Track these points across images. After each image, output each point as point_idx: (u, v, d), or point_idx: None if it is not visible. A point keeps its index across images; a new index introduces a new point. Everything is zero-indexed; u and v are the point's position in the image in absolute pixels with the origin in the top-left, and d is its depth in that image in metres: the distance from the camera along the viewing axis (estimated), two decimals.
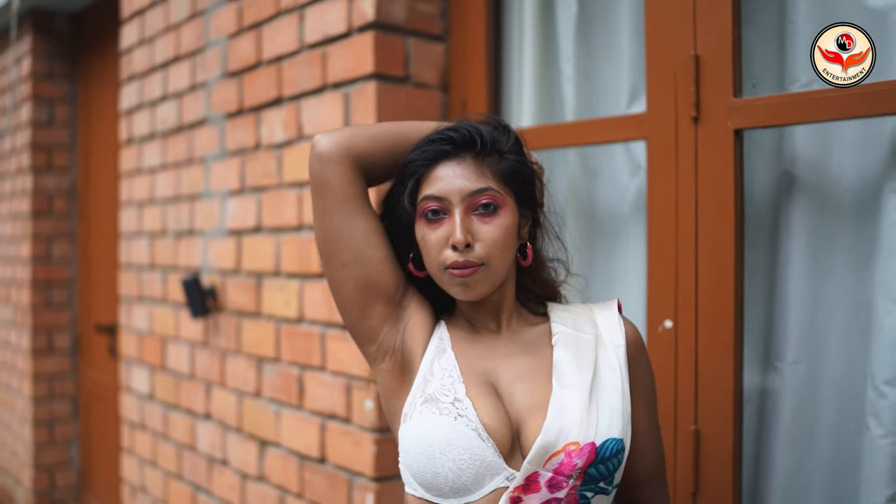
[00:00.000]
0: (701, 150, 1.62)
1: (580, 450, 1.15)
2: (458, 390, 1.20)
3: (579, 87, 2.03)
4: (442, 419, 1.17)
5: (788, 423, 1.66)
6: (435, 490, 1.17)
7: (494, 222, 1.20)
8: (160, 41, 3.10)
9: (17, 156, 4.78)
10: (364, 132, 1.29)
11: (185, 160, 2.93)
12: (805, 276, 1.64)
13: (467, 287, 1.20)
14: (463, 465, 1.14)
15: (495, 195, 1.21)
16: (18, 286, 4.75)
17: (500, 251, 1.20)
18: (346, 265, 1.28)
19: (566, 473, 1.14)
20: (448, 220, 1.20)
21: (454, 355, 1.25)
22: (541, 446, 1.14)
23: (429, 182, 1.23)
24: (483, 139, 1.23)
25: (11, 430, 4.91)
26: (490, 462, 1.15)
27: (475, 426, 1.16)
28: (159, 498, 3.11)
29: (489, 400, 1.19)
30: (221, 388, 2.70)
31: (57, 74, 4.69)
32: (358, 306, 1.29)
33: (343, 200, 1.26)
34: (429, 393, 1.21)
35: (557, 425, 1.16)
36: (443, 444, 1.15)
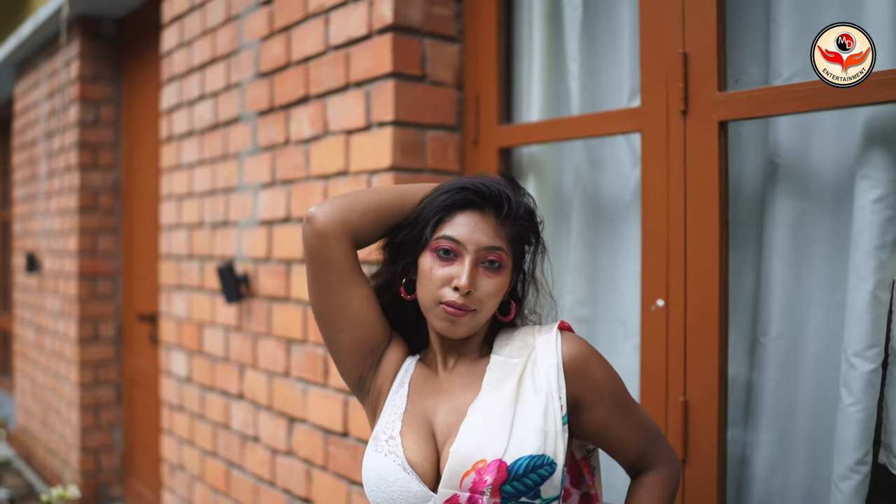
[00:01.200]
0: (689, 141, 1.75)
1: (487, 467, 1.25)
2: (395, 427, 1.35)
3: (584, 84, 2.16)
4: (377, 457, 1.33)
5: (772, 395, 1.78)
6: None
7: (495, 279, 1.33)
8: (198, 44, 3.28)
9: (65, 154, 5.02)
10: (356, 207, 1.37)
11: (221, 156, 3.11)
12: (788, 257, 1.76)
13: (454, 325, 1.33)
14: (393, 495, 1.30)
15: (503, 256, 1.34)
16: (66, 278, 4.99)
17: (491, 305, 1.34)
18: (342, 330, 1.41)
19: (479, 490, 1.25)
20: (457, 263, 1.32)
21: (407, 390, 1.40)
22: (450, 469, 1.27)
23: (451, 224, 1.34)
24: (510, 206, 1.35)
25: (60, 414, 5.16)
26: (416, 491, 1.29)
27: (401, 461, 1.30)
28: (196, 475, 3.30)
29: (416, 437, 1.33)
30: (254, 370, 2.88)
31: (103, 77, 4.92)
32: (352, 363, 1.44)
33: (342, 274, 1.38)
34: (376, 431, 1.38)
35: (465, 448, 1.28)
36: (376, 478, 1.32)
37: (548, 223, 2.29)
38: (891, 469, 1.60)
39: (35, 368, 5.73)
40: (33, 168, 5.73)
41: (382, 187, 1.42)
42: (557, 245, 2.27)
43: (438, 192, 1.37)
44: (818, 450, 1.71)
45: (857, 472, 1.58)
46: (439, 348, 1.42)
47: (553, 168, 2.28)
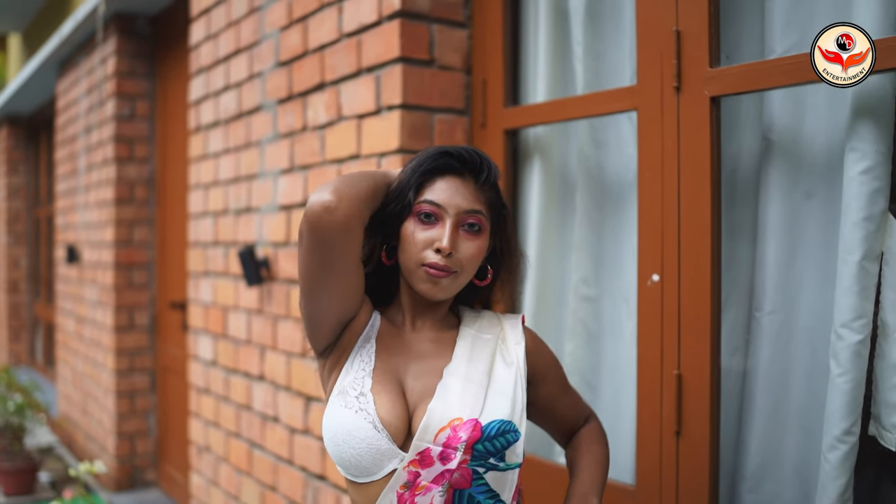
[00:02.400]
0: (682, 118, 1.78)
1: (464, 424, 1.30)
2: (366, 384, 1.35)
3: (588, 66, 2.19)
4: (346, 412, 1.33)
5: (766, 368, 1.80)
6: (345, 469, 1.35)
7: (475, 242, 1.38)
8: (223, 36, 3.37)
9: (102, 148, 5.16)
10: (362, 194, 1.33)
11: (244, 144, 3.19)
12: (782, 233, 1.78)
13: (436, 286, 1.37)
14: (361, 451, 1.31)
15: (482, 219, 1.38)
16: (103, 268, 5.13)
17: (471, 267, 1.39)
18: (333, 307, 1.38)
19: (453, 446, 1.30)
20: (439, 226, 1.36)
21: (375, 346, 1.41)
22: (426, 424, 1.31)
23: (432, 188, 1.38)
24: (490, 172, 1.40)
25: (98, 401, 5.31)
26: (385, 449, 1.31)
27: (372, 419, 1.31)
28: (221, 456, 3.39)
29: (389, 396, 1.35)
30: (273, 351, 2.95)
31: (138, 72, 5.06)
32: (331, 332, 1.42)
33: (352, 259, 1.35)
34: (343, 385, 1.37)
35: (441, 406, 1.33)
36: (345, 434, 1.31)
37: (553, 203, 2.33)
38: (880, 441, 1.61)
39: (75, 357, 5.90)
40: (74, 163, 5.90)
41: (362, 173, 1.41)
42: (562, 225, 2.30)
43: (419, 159, 1.41)
44: (810, 422, 1.73)
45: (844, 442, 1.59)
46: (409, 309, 1.46)
47: (558, 149, 2.32)
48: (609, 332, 2.18)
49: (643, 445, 1.88)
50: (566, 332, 2.26)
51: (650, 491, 1.86)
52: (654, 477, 1.85)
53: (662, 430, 1.83)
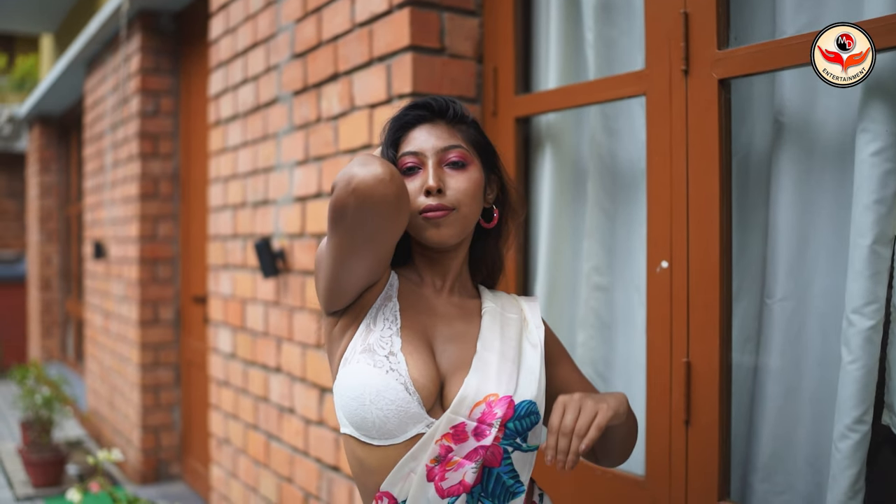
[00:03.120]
0: (690, 101, 1.75)
1: (499, 400, 1.28)
2: (395, 343, 1.31)
3: (599, 53, 2.17)
4: (375, 371, 1.27)
5: (778, 356, 1.76)
6: (363, 431, 1.29)
7: (463, 175, 1.36)
8: (241, 30, 3.39)
9: (127, 144, 5.21)
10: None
11: (261, 136, 3.20)
12: (794, 218, 1.74)
13: (438, 227, 1.34)
14: (389, 413, 1.26)
15: (464, 153, 1.37)
16: (129, 263, 5.18)
17: (469, 199, 1.36)
18: (365, 275, 1.32)
19: (488, 422, 1.28)
20: (423, 173, 1.36)
21: (398, 305, 1.37)
22: (462, 396, 1.29)
23: (407, 141, 1.39)
24: (455, 109, 1.41)
25: (124, 395, 5.36)
26: (414, 413, 1.28)
27: (404, 381, 1.27)
28: (240, 448, 3.40)
29: (421, 357, 1.31)
30: (289, 343, 2.96)
31: (162, 69, 5.10)
32: (353, 297, 1.36)
33: (402, 228, 1.29)
34: (368, 343, 1.32)
35: (477, 380, 1.30)
36: (373, 394, 1.26)
37: (565, 192, 2.30)
38: (893, 430, 1.57)
39: (103, 352, 5.97)
40: (101, 160, 5.97)
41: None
42: (574, 213, 2.28)
43: (389, 120, 1.43)
44: (822, 410, 1.69)
45: (855, 431, 1.55)
46: (428, 271, 1.43)
47: (570, 137, 2.29)
48: (622, 321, 2.15)
49: (653, 435, 1.85)
50: (578, 321, 2.23)
51: (660, 481, 1.83)
52: (664, 467, 1.82)
53: (672, 419, 1.80)
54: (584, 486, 2.04)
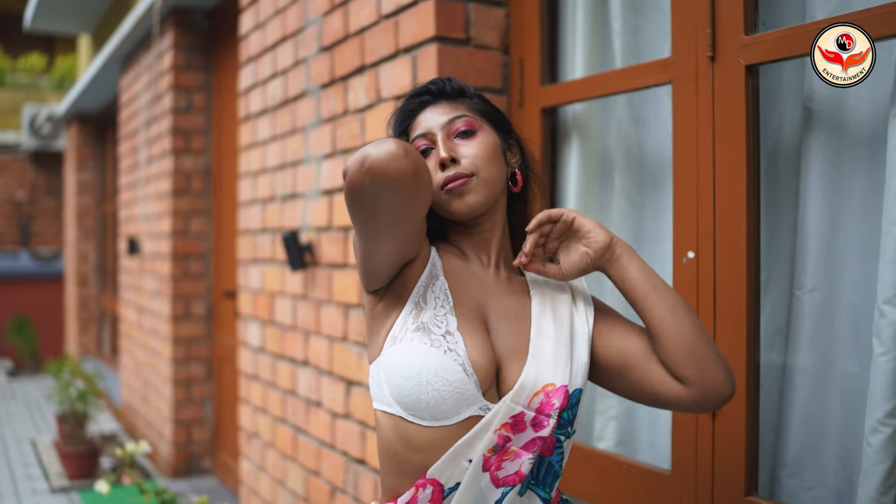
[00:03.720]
0: (717, 88, 1.72)
1: (556, 391, 1.26)
2: (450, 322, 1.28)
3: (626, 42, 2.14)
4: (433, 351, 1.24)
5: (807, 348, 1.73)
6: (413, 411, 1.25)
7: (474, 141, 1.35)
8: (270, 25, 3.40)
9: (160, 140, 5.26)
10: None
11: (290, 130, 3.21)
12: (824, 207, 1.70)
13: (462, 196, 1.33)
14: (445, 394, 1.23)
15: (469, 120, 1.36)
16: (161, 259, 5.23)
17: (486, 163, 1.34)
18: (397, 252, 1.30)
19: (546, 413, 1.26)
20: (435, 151, 1.35)
21: (447, 284, 1.34)
22: (521, 385, 1.26)
23: (414, 128, 1.40)
24: (453, 84, 1.41)
25: (156, 389, 5.42)
26: (470, 394, 1.25)
27: (462, 361, 1.25)
28: (268, 442, 3.41)
29: (478, 337, 1.29)
30: (317, 336, 2.96)
31: (195, 66, 5.14)
32: (391, 274, 1.33)
33: (426, 204, 1.26)
34: (421, 321, 1.28)
35: (535, 368, 1.28)
36: (430, 374, 1.23)
37: (591, 182, 2.28)
38: None
39: (136, 347, 6.03)
40: (136, 157, 6.03)
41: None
42: (601, 204, 2.25)
43: (395, 113, 1.44)
44: (853, 404, 1.65)
45: (887, 424, 1.52)
46: (471, 248, 1.41)
47: (596, 127, 2.27)
48: None
49: (679, 428, 1.82)
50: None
51: (686, 476, 1.80)
52: (690, 461, 1.79)
53: (698, 413, 1.77)
54: (611, 481, 2.01)
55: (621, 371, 1.34)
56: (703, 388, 1.27)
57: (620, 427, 2.16)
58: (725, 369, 1.29)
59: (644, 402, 1.36)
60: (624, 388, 1.36)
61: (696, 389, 1.27)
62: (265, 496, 3.45)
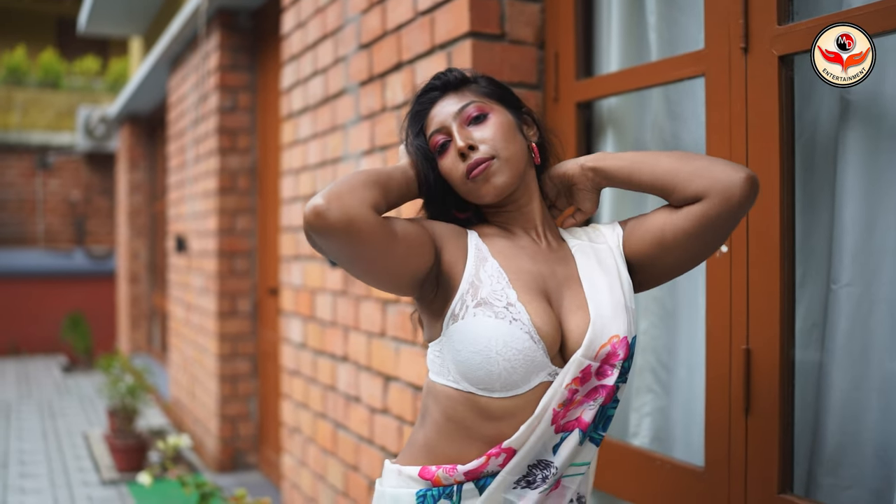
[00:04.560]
0: (750, 80, 1.70)
1: (621, 342, 1.32)
2: (510, 295, 1.30)
3: (661, 36, 2.12)
4: (498, 322, 1.27)
5: (844, 344, 1.69)
6: (484, 385, 1.29)
7: (487, 124, 1.38)
8: (311, 23, 3.43)
9: (207, 140, 5.35)
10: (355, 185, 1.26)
11: (330, 128, 3.24)
12: (861, 200, 1.67)
13: (487, 181, 1.35)
14: (516, 364, 1.27)
15: (480, 105, 1.39)
16: (208, 256, 5.32)
17: (503, 143, 1.36)
18: (399, 280, 1.34)
19: (612, 363, 1.31)
20: (453, 142, 1.38)
21: (497, 263, 1.36)
22: (590, 340, 1.30)
23: (429, 124, 1.42)
24: (455, 75, 1.44)
25: (203, 385, 5.51)
26: (539, 361, 1.29)
27: (528, 329, 1.28)
28: (309, 437, 3.45)
29: (540, 305, 1.32)
30: (356, 332, 2.98)
31: (240, 66, 5.21)
32: (419, 286, 1.35)
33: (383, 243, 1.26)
34: (481, 297, 1.30)
35: (600, 321, 1.32)
36: (499, 345, 1.27)
37: None
38: None
39: (184, 343, 6.14)
40: (183, 156, 6.14)
41: (358, 171, 1.33)
42: (636, 198, 2.23)
43: (407, 116, 1.46)
44: (891, 400, 1.62)
45: None
46: (516, 225, 1.44)
47: (632, 121, 2.25)
48: (686, 308, 2.10)
49: (712, 424, 1.80)
50: (640, 309, 2.19)
51: (719, 472, 1.78)
52: (723, 457, 1.77)
53: (731, 408, 1.75)
54: (643, 477, 2.00)
55: (661, 244, 1.39)
56: (718, 189, 1.31)
57: (655, 423, 2.14)
58: (724, 163, 1.34)
59: (695, 252, 1.40)
60: (675, 260, 1.41)
61: (714, 194, 1.31)
62: (306, 491, 3.48)
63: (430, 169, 1.41)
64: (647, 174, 1.38)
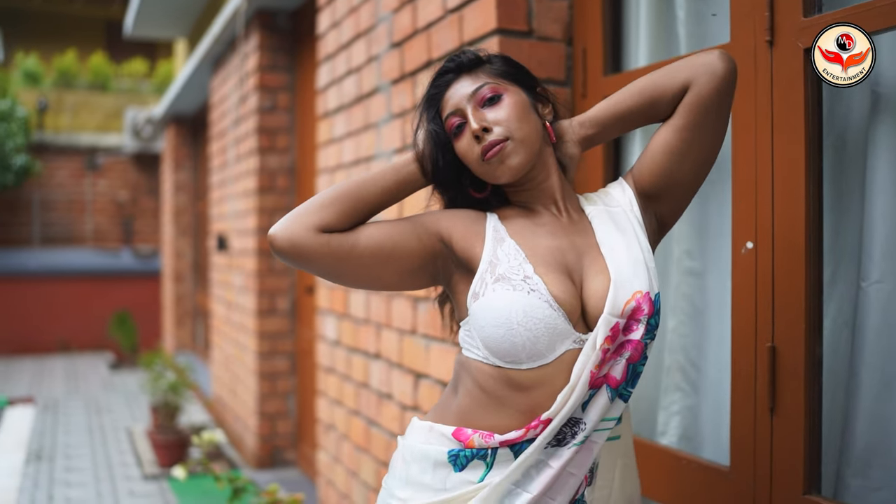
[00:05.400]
0: (775, 73, 1.67)
1: (644, 297, 1.33)
2: (527, 269, 1.34)
3: (690, 31, 2.10)
4: (517, 294, 1.31)
5: (873, 342, 1.66)
6: (511, 357, 1.31)
7: (501, 105, 1.38)
8: (345, 23, 3.45)
9: (247, 140, 5.41)
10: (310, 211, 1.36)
11: (363, 127, 3.26)
12: (892, 195, 1.63)
13: (502, 162, 1.37)
14: (539, 333, 1.29)
15: (492, 86, 1.39)
16: (248, 255, 5.38)
17: (518, 123, 1.37)
18: (394, 285, 1.45)
19: (637, 318, 1.32)
20: (468, 124, 1.39)
21: (514, 242, 1.39)
22: (614, 297, 1.32)
23: (444, 107, 1.43)
24: (469, 56, 1.44)
25: (243, 382, 5.57)
26: (561, 329, 1.31)
27: (546, 298, 1.31)
28: (344, 433, 3.47)
29: (556, 275, 1.34)
30: (388, 329, 3.00)
31: (279, 66, 5.27)
32: (411, 282, 1.44)
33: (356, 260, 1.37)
34: (499, 273, 1.34)
35: (620, 278, 1.33)
36: (520, 315, 1.29)
37: None
38: None
39: (225, 341, 6.22)
40: (225, 156, 6.21)
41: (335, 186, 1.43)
42: None
43: (423, 100, 1.48)
44: None
45: None
46: (537, 202, 1.46)
47: None
48: (715, 306, 2.07)
49: (737, 423, 1.78)
50: (669, 307, 2.17)
51: (744, 472, 1.76)
52: (749, 457, 1.75)
53: (756, 407, 1.73)
54: (670, 477, 1.98)
55: (672, 152, 1.42)
56: (700, 70, 1.39)
57: (684, 422, 2.12)
58: (693, 55, 1.42)
59: (706, 142, 1.43)
60: (692, 161, 1.43)
61: (698, 75, 1.39)
62: (340, 487, 3.51)
63: (441, 154, 1.43)
64: (629, 98, 1.44)
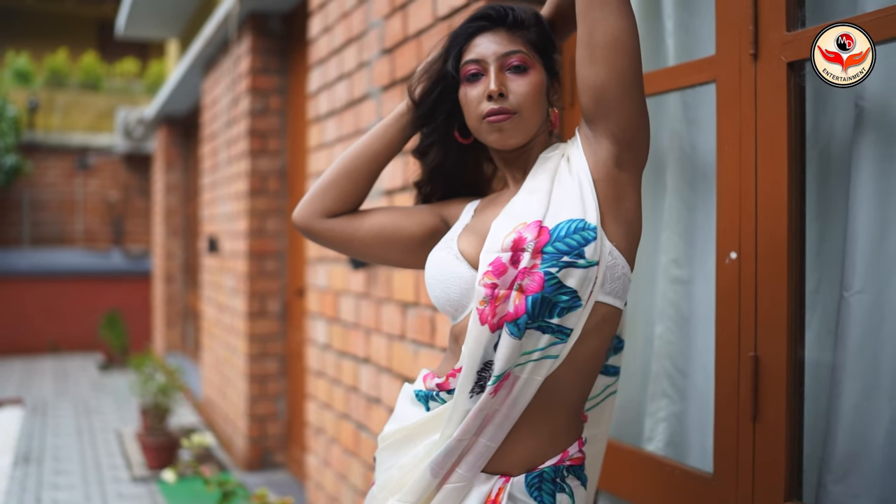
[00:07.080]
0: (759, 87, 1.69)
1: (527, 226, 1.31)
2: (456, 233, 1.49)
3: (679, 41, 2.12)
4: (437, 252, 1.47)
5: (855, 352, 1.68)
6: (443, 310, 1.46)
7: (524, 79, 1.40)
8: (337, 28, 3.47)
9: (238, 142, 5.42)
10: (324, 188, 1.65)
11: (354, 132, 3.27)
12: (874, 207, 1.66)
13: (502, 132, 1.40)
14: (448, 283, 1.41)
15: (525, 57, 1.41)
16: (239, 257, 5.39)
17: (531, 104, 1.40)
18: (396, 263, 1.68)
19: (521, 248, 1.30)
20: (485, 79, 1.41)
21: (472, 213, 1.54)
22: (493, 234, 1.35)
23: (469, 50, 1.44)
24: (515, 15, 1.43)
25: (233, 384, 5.58)
26: (466, 275, 1.39)
27: (455, 252, 1.43)
28: (333, 437, 3.49)
29: (472, 237, 1.44)
30: (377, 334, 3.01)
31: (271, 69, 5.28)
32: (416, 259, 1.63)
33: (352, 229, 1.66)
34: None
35: (505, 217, 1.37)
36: (436, 269, 1.45)
37: (643, 181, 2.25)
38: None
39: (216, 343, 6.22)
40: (216, 158, 6.22)
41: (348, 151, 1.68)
42: (652, 204, 2.24)
43: (452, 33, 1.48)
44: None
45: None
46: (506, 169, 1.51)
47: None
48: (701, 314, 2.09)
49: (721, 430, 1.80)
50: (656, 314, 2.19)
51: (727, 479, 1.78)
52: (731, 464, 1.77)
53: (739, 415, 1.75)
54: (652, 483, 2.00)
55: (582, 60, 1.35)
56: None
57: (670, 429, 2.14)
58: None
59: (591, 35, 1.35)
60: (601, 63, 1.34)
61: None
62: (329, 491, 3.52)
63: (440, 91, 1.49)
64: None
